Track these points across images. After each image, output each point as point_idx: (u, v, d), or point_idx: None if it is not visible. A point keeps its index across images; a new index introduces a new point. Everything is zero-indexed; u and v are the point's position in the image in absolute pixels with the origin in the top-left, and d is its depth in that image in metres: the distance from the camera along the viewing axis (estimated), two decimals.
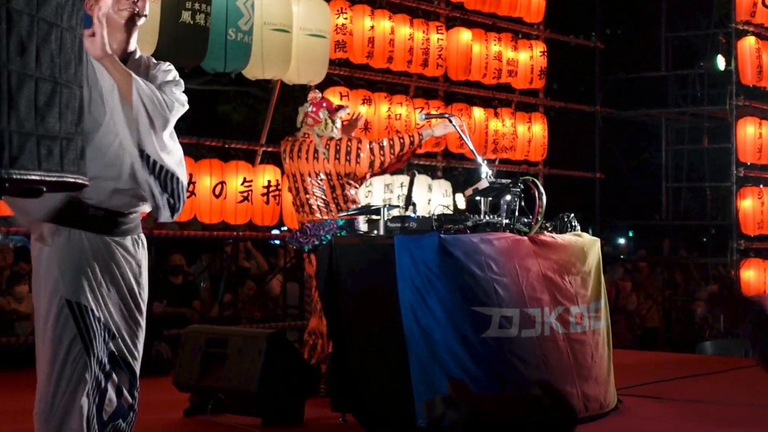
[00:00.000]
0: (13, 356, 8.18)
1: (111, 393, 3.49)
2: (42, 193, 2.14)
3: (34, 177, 1.95)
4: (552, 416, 1.48)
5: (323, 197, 6.29)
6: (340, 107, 6.59)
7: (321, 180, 6.29)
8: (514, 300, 5.24)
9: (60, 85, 2.02)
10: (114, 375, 3.50)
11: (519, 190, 5.68)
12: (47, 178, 1.99)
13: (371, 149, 6.27)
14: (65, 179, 2.04)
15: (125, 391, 3.55)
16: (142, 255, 3.62)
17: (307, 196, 6.32)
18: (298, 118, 6.51)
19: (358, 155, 6.24)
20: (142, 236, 3.65)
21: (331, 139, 6.31)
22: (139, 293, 3.59)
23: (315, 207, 6.30)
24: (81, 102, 2.12)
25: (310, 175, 6.30)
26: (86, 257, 3.43)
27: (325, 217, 6.25)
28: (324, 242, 6.12)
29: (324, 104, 6.46)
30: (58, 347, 3.37)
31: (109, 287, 3.48)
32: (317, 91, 6.83)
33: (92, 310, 3.41)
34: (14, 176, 1.90)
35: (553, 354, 5.37)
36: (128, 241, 3.55)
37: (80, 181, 2.09)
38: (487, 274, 5.17)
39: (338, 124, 6.46)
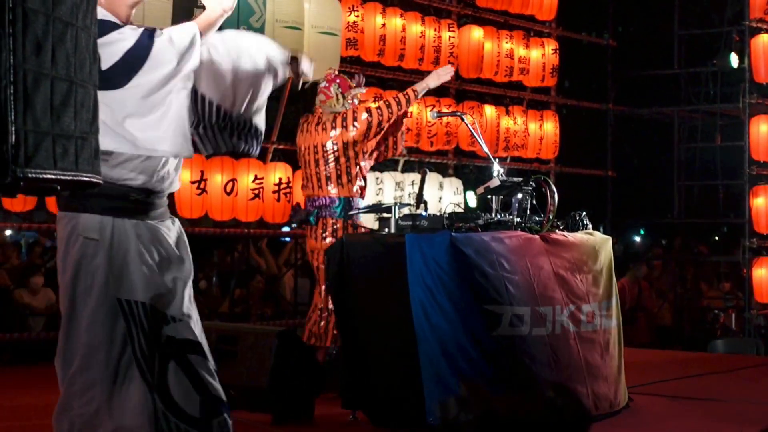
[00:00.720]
0: (26, 351, 8.21)
1: (175, 381, 3.31)
2: (56, 192, 2.15)
3: (49, 176, 1.97)
4: (565, 417, 1.49)
5: (330, 170, 6.35)
6: (354, 86, 6.61)
7: (327, 152, 6.34)
8: (525, 298, 5.24)
9: (75, 84, 2.04)
10: (178, 362, 3.34)
11: (530, 188, 5.68)
12: (62, 177, 2.00)
13: (368, 111, 6.33)
14: (80, 178, 2.06)
15: (206, 376, 3.39)
16: (181, 232, 3.52)
17: (317, 169, 6.38)
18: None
19: (354, 119, 6.31)
20: (173, 218, 3.56)
21: (339, 113, 6.38)
22: (188, 269, 3.47)
23: (321, 180, 6.36)
24: (95, 101, 2.14)
25: (316, 148, 6.37)
26: (136, 247, 3.31)
27: (327, 194, 6.33)
28: (314, 219, 6.32)
29: (337, 80, 6.50)
30: (110, 348, 3.25)
31: (160, 268, 3.35)
32: (334, 69, 6.86)
33: (142, 304, 3.29)
34: (30, 175, 1.91)
35: (564, 353, 5.36)
36: (167, 223, 3.46)
37: (94, 180, 2.11)
38: (499, 273, 5.17)
39: (354, 101, 6.50)
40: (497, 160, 6.06)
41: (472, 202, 10.74)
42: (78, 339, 3.31)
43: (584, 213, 6.03)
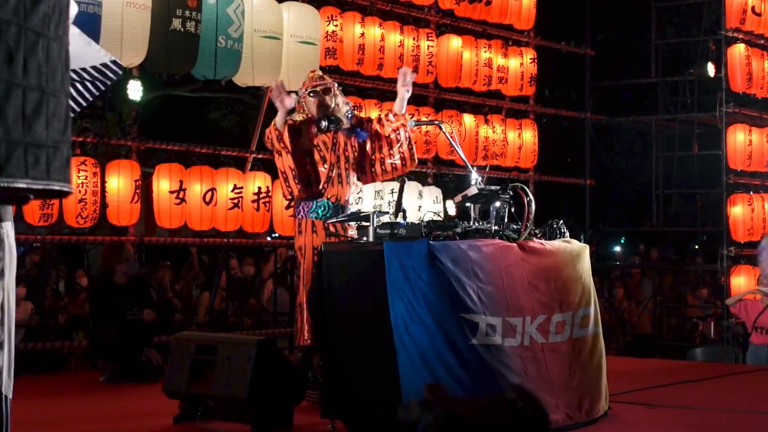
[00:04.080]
0: None
1: None
2: (28, 200, 2.15)
3: (20, 185, 1.97)
4: (525, 420, 1.50)
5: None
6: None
7: None
8: (497, 308, 5.24)
9: (47, 94, 2.04)
10: None
11: (508, 196, 5.70)
12: (34, 186, 2.01)
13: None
14: (51, 187, 2.06)
15: None
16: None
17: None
18: None
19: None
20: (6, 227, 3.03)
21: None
22: None
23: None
24: (67, 110, 2.14)
25: None
26: None
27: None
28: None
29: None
30: None
31: None
32: (316, 71, 6.76)
33: None
34: (1, 184, 1.92)
35: (532, 364, 5.35)
36: None
37: (66, 189, 2.11)
38: (473, 282, 5.18)
39: (310, 107, 6.42)
40: (476, 168, 6.08)
41: (451, 210, 10.77)
42: None
43: (562, 221, 6.05)
